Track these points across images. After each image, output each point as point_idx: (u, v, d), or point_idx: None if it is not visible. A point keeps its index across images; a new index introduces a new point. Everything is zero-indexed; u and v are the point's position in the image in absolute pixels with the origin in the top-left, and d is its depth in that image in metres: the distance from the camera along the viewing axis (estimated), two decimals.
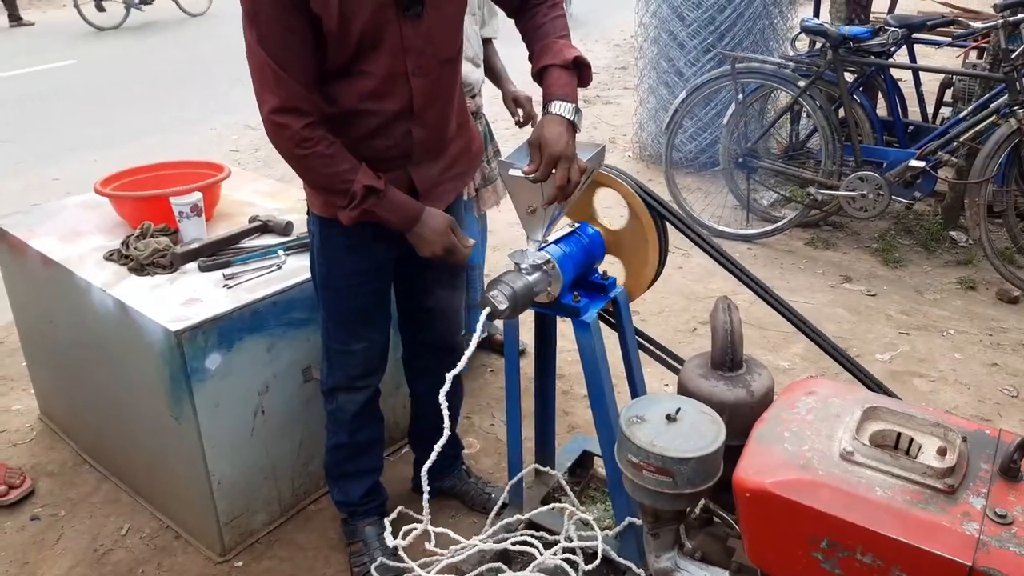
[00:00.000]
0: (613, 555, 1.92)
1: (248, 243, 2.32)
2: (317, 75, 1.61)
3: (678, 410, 1.45)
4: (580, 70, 1.70)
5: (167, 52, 9.63)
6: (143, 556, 2.21)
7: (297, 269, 2.17)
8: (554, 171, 1.58)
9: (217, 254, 2.23)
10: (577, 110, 1.63)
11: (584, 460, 2.36)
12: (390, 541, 1.85)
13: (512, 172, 1.63)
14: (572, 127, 1.61)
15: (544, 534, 2.02)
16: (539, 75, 1.71)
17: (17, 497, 2.40)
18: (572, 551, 1.92)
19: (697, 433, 1.43)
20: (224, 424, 2.05)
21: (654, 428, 1.43)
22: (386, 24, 1.58)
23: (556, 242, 1.78)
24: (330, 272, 1.90)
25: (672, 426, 1.43)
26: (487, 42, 2.76)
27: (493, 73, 2.84)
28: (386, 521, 1.95)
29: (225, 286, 2.08)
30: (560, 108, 1.61)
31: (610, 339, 1.89)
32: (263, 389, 2.11)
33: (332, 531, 2.28)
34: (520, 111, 2.79)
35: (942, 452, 1.28)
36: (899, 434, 1.35)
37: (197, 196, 2.28)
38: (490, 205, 2.83)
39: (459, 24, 1.75)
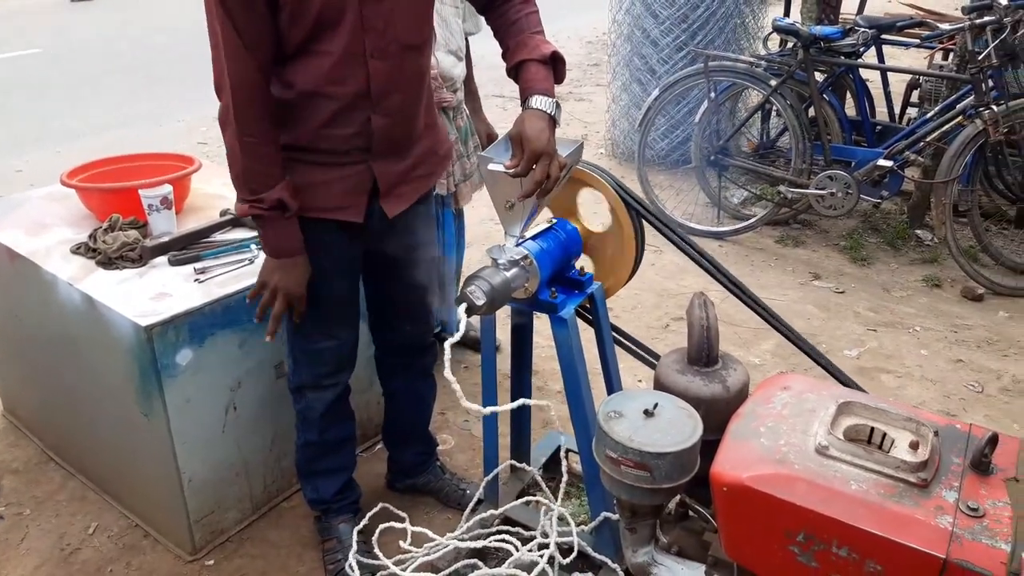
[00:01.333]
0: (588, 550, 1.93)
1: (219, 237, 2.29)
2: (273, 58, 1.59)
3: (656, 405, 1.46)
4: (556, 65, 1.70)
5: (133, 42, 9.45)
6: (111, 555, 2.17)
7: None
8: (534, 166, 1.57)
9: (188, 248, 2.19)
10: (557, 105, 1.63)
11: (559, 455, 2.36)
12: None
13: (491, 166, 1.63)
14: (552, 122, 1.61)
15: (520, 529, 2.03)
16: (515, 70, 1.70)
17: None
18: (547, 547, 1.92)
19: (675, 428, 1.43)
20: (195, 420, 2.02)
21: (632, 423, 1.44)
22: (346, 1, 1.56)
23: (534, 238, 1.78)
24: None
25: (650, 421, 1.44)
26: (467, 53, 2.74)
27: (470, 97, 2.82)
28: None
29: (196, 280, 2.05)
30: (541, 103, 1.61)
31: (584, 334, 1.90)
32: (235, 385, 2.08)
33: (305, 528, 2.26)
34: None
35: (914, 446, 1.30)
36: (872, 429, 1.37)
37: (167, 189, 2.24)
38: (468, 200, 2.81)
39: (426, 12, 1.72)
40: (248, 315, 2.06)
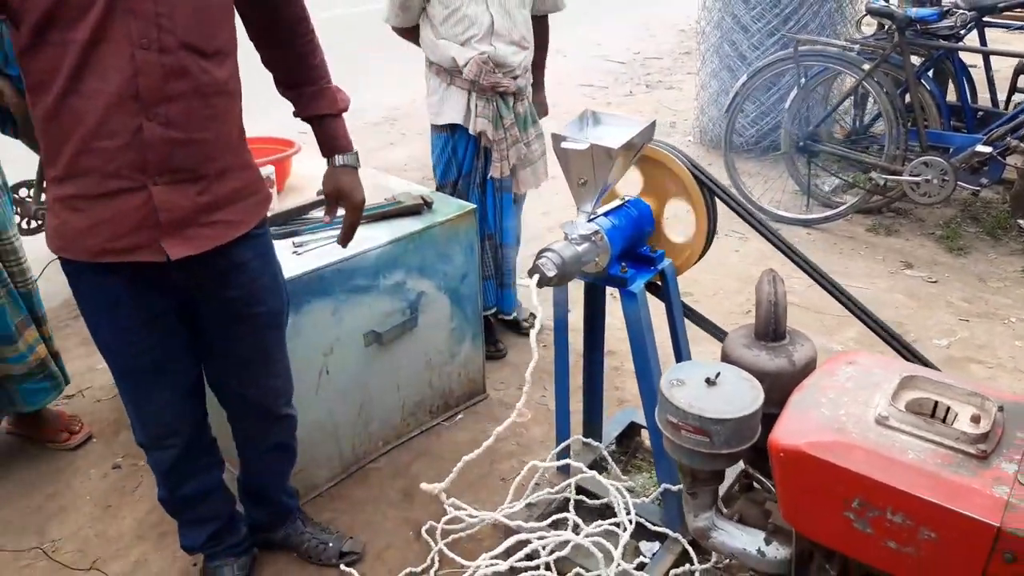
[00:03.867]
0: (646, 523, 1.98)
1: (316, 214, 2.44)
2: None
3: (718, 374, 1.51)
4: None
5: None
6: None
7: (361, 239, 2.26)
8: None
9: (287, 223, 2.36)
10: (356, 155, 1.87)
11: (631, 431, 2.43)
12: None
13: (564, 145, 1.70)
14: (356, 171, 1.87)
15: (583, 497, 2.10)
16: (312, 119, 1.83)
17: (77, 442, 2.61)
18: (617, 524, 1.97)
19: (736, 396, 1.48)
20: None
21: (694, 391, 1.49)
22: None
23: (606, 214, 1.84)
24: (94, 326, 1.67)
25: (711, 389, 1.49)
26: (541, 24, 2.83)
27: (536, 69, 2.89)
28: None
29: (295, 253, 2.20)
30: (348, 159, 1.86)
31: (661, 316, 1.95)
32: (328, 351, 2.23)
33: (390, 489, 2.41)
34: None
35: (976, 419, 1.31)
36: (936, 402, 1.39)
37: (269, 169, 2.41)
38: (528, 187, 2.89)
39: (217, 16, 1.51)
40: (340, 286, 2.21)
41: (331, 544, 2.13)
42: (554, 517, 2.03)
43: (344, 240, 1.89)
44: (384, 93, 6.45)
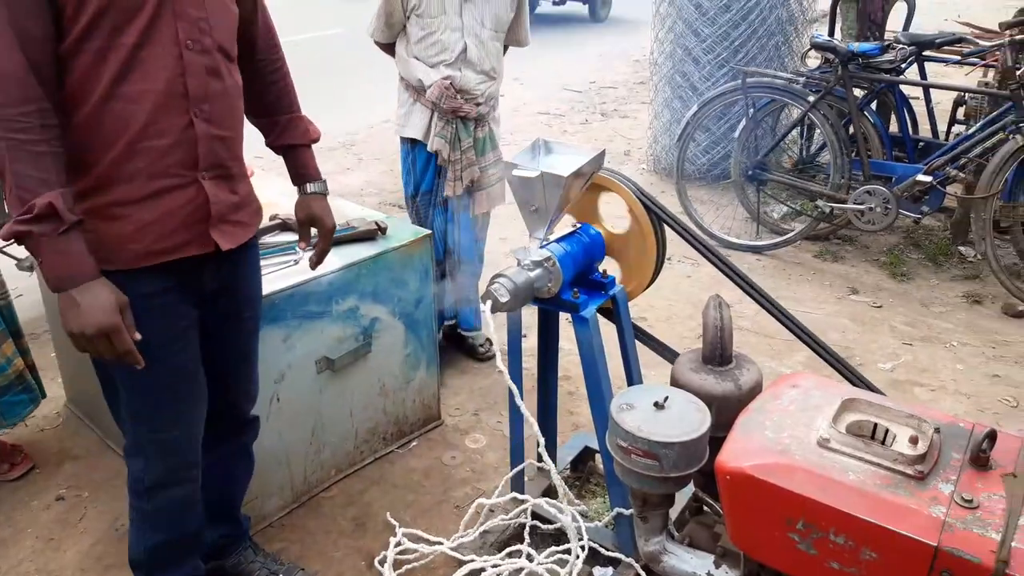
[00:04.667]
0: (600, 548, 1.98)
1: (268, 239, 2.43)
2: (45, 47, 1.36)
3: (666, 398, 1.53)
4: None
5: None
6: None
7: None
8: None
9: None
10: (324, 182, 1.94)
11: (586, 456, 2.44)
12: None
13: (516, 172, 1.73)
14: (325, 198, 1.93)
15: (537, 523, 2.10)
16: (284, 148, 1.90)
17: (18, 474, 2.54)
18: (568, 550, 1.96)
19: (683, 420, 1.51)
20: None
21: (642, 415, 1.51)
22: None
23: (558, 240, 1.87)
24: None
25: (660, 413, 1.52)
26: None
27: None
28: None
29: None
30: (318, 187, 1.91)
31: (615, 341, 1.97)
32: (279, 378, 2.21)
33: (342, 518, 2.38)
34: None
35: (914, 441, 1.35)
36: (875, 424, 1.43)
37: None
38: (482, 209, 2.94)
39: (233, 23, 1.61)
40: (292, 312, 2.19)
41: (281, 575, 2.08)
42: (509, 549, 2.02)
43: (314, 264, 1.97)
44: (341, 118, 6.44)
